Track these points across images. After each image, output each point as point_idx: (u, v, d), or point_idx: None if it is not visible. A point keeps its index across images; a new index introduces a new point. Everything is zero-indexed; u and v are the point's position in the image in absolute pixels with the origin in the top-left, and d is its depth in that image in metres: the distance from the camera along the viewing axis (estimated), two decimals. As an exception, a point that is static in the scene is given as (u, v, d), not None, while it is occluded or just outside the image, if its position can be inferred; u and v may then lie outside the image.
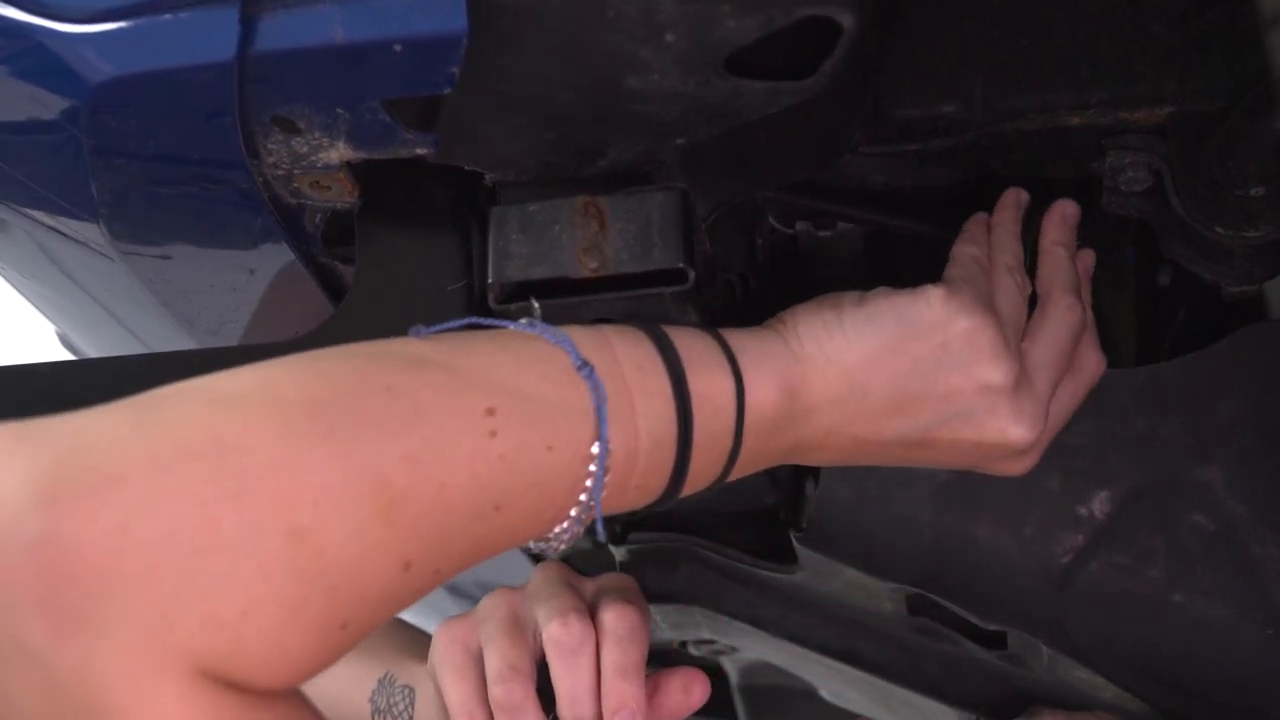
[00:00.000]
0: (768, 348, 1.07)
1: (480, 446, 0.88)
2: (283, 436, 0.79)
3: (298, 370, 0.86)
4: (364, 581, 0.81)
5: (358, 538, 0.80)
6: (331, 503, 0.79)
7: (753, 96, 1.03)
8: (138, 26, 1.01)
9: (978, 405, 1.10)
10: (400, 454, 0.83)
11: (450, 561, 0.88)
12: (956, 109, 1.28)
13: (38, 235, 1.27)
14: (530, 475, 0.91)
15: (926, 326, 1.09)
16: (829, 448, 1.11)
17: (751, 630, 1.63)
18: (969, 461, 1.15)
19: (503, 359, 0.94)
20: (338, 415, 0.82)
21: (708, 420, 1.01)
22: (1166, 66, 1.24)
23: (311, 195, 1.12)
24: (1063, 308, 1.18)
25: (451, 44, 0.96)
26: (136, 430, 0.77)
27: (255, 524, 0.76)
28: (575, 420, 0.94)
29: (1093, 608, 1.34)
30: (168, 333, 1.34)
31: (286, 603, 0.77)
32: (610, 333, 1.01)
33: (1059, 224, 1.25)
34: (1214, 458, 1.32)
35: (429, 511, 0.84)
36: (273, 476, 0.77)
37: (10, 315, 2.02)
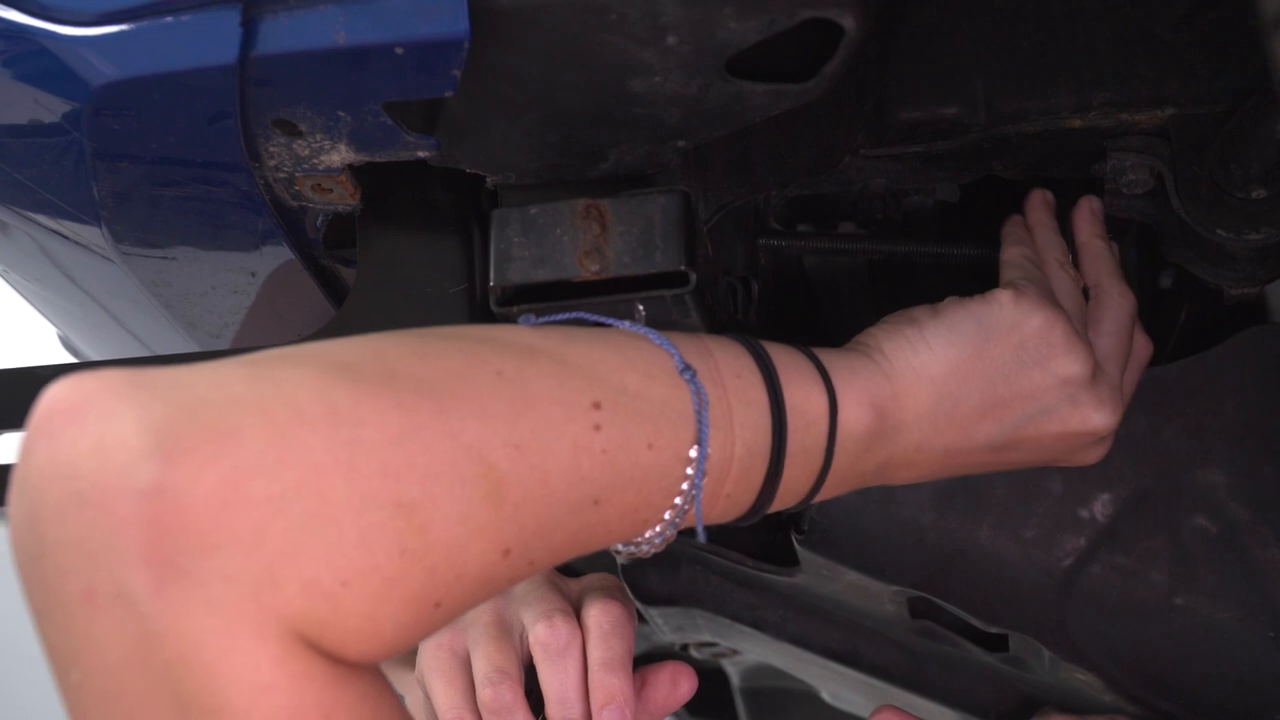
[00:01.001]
0: (858, 366, 1.07)
1: (584, 439, 0.88)
2: (395, 410, 0.80)
3: (410, 345, 0.86)
4: (463, 563, 0.81)
5: (462, 519, 0.81)
6: (439, 481, 0.80)
7: (755, 99, 1.03)
8: (139, 29, 1.01)
9: (1061, 399, 1.11)
10: (506, 440, 0.84)
11: (546, 553, 0.89)
12: (958, 111, 1.28)
13: (39, 238, 1.27)
14: (630, 472, 0.91)
15: (1003, 329, 1.10)
16: (918, 464, 1.11)
17: (753, 633, 1.63)
18: (1050, 456, 1.17)
19: (609, 355, 0.95)
20: (448, 395, 0.83)
21: (800, 434, 1.02)
22: (1168, 69, 1.24)
23: (313, 198, 1.12)
24: (1116, 295, 1.22)
25: (453, 47, 0.96)
26: (252, 389, 0.77)
27: (364, 495, 0.76)
28: (676, 422, 0.94)
29: (1094, 610, 1.34)
30: (169, 335, 1.34)
31: (386, 577, 0.77)
32: (710, 341, 1.02)
33: (1090, 218, 1.28)
34: (1216, 460, 1.32)
35: (531, 499, 0.85)
36: (384, 450, 0.78)
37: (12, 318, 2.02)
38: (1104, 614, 1.33)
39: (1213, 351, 1.33)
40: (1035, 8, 1.28)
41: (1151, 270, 1.62)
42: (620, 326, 1.00)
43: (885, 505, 1.37)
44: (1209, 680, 1.33)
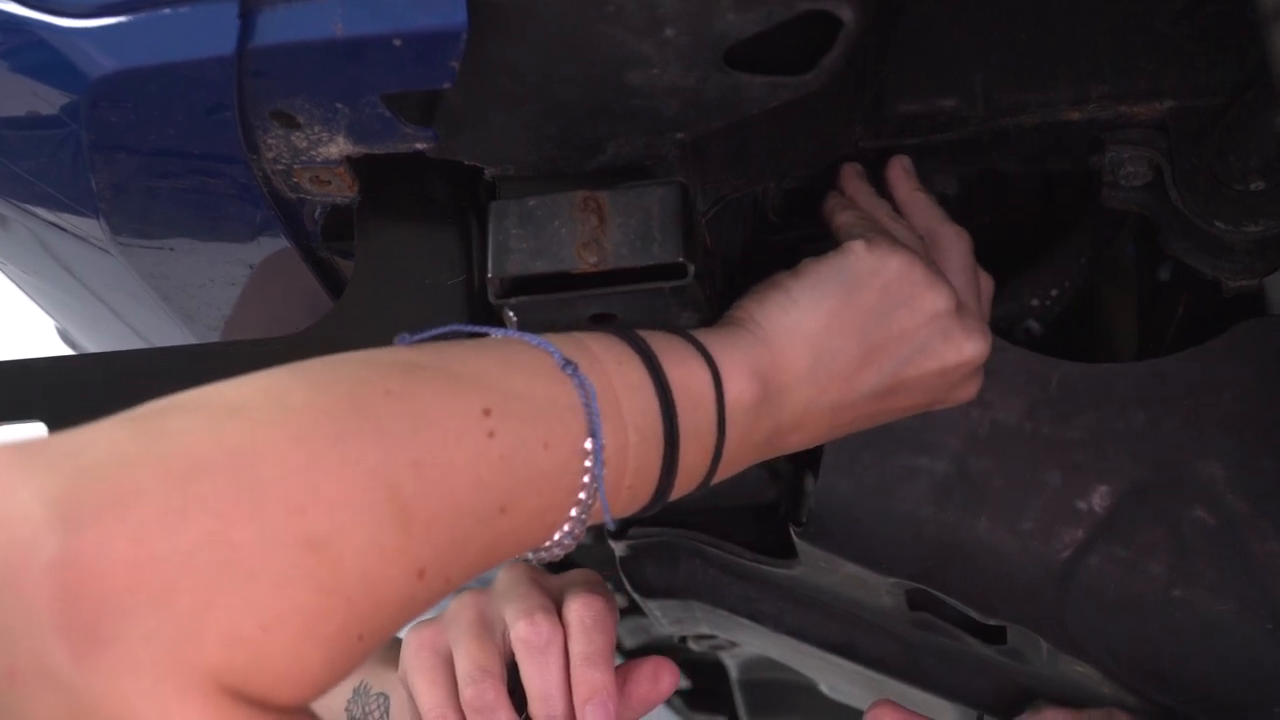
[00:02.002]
0: (735, 337, 1.08)
1: (481, 447, 0.88)
2: (294, 444, 0.79)
3: (299, 378, 0.85)
4: (381, 590, 0.81)
5: (374, 546, 0.80)
6: (347, 510, 0.79)
7: (753, 91, 1.03)
8: (137, 21, 1.01)
9: (933, 334, 1.13)
10: (407, 459, 0.83)
11: (461, 568, 0.88)
12: (956, 104, 1.28)
13: (37, 230, 1.27)
14: (530, 474, 0.91)
15: (864, 276, 1.12)
16: (807, 425, 1.12)
17: (751, 625, 1.63)
18: (932, 396, 1.18)
19: (491, 361, 0.94)
20: (344, 421, 0.82)
21: (690, 413, 1.02)
22: (1167, 61, 1.24)
23: (311, 190, 1.12)
24: (952, 235, 1.25)
25: (451, 38, 0.95)
26: (144, 445, 0.76)
27: (272, 536, 0.75)
28: (567, 417, 0.94)
29: (1093, 603, 1.34)
30: (168, 328, 1.34)
31: (306, 616, 0.76)
32: (585, 336, 1.02)
33: (905, 176, 1.31)
34: (1214, 452, 1.32)
35: (439, 516, 0.84)
36: (287, 485, 0.77)
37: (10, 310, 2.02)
38: (1102, 606, 1.34)
39: (1211, 344, 1.33)
40: (1034, 1, 1.28)
41: (1150, 263, 1.62)
42: (494, 334, 1.00)
43: (883, 497, 1.37)
44: (1207, 673, 1.33)
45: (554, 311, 1.08)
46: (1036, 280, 1.49)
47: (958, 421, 1.35)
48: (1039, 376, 1.36)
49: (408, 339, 0.97)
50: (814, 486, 1.40)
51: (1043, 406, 1.35)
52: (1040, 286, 1.48)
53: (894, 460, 1.36)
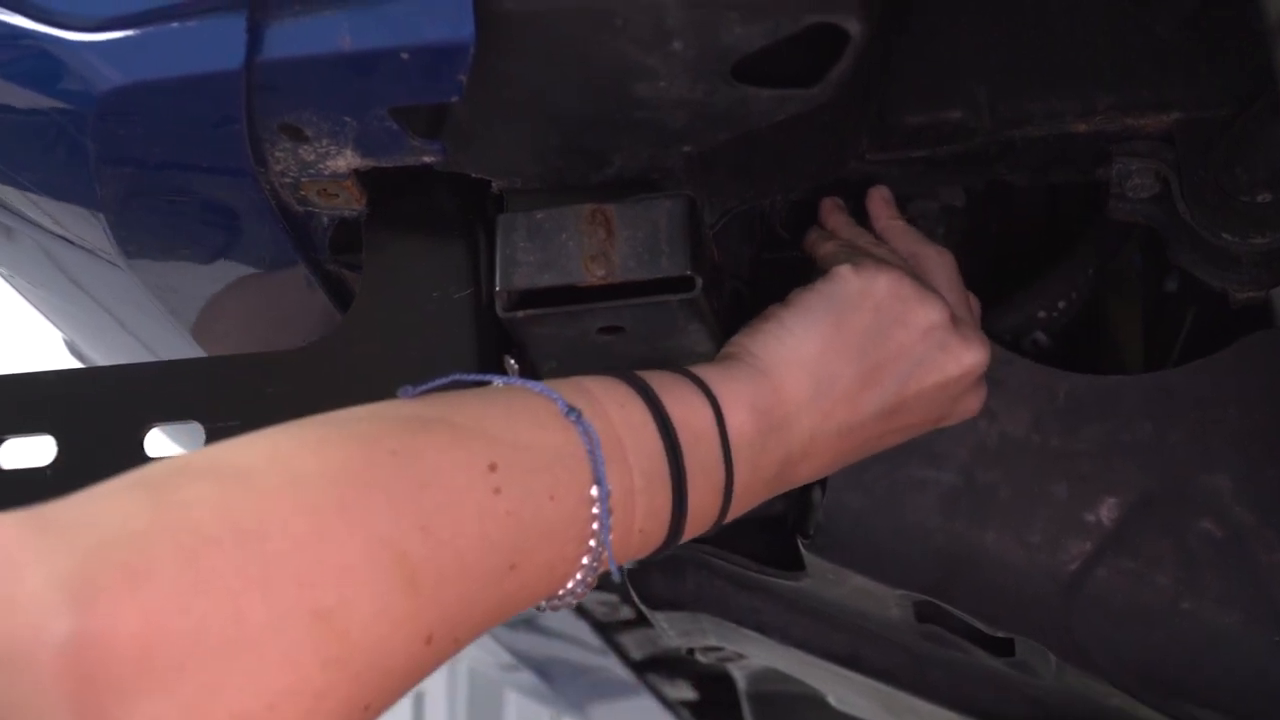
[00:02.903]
0: (731, 370, 1.08)
1: (487, 505, 0.88)
2: (300, 514, 0.79)
3: (305, 439, 0.85)
4: (389, 660, 0.81)
5: (383, 615, 0.80)
6: (354, 581, 0.79)
7: (760, 104, 1.03)
8: (145, 35, 1.01)
9: (930, 347, 1.14)
10: (415, 523, 0.83)
11: (469, 629, 0.88)
12: (963, 115, 1.28)
13: (45, 243, 1.27)
14: (539, 528, 0.90)
15: (854, 298, 1.12)
16: (817, 453, 1.11)
17: (758, 637, 1.63)
18: (938, 411, 1.19)
19: (495, 411, 0.94)
20: (350, 486, 0.82)
21: (694, 450, 1.02)
22: (1173, 73, 1.24)
23: (319, 203, 1.12)
24: (935, 255, 1.25)
25: (459, 52, 0.96)
26: (156, 518, 0.75)
27: (282, 611, 0.75)
28: (572, 466, 0.94)
29: (1100, 614, 1.33)
30: (174, 340, 1.34)
31: (313, 692, 0.76)
32: (585, 380, 1.02)
33: (883, 205, 1.31)
34: (1222, 464, 1.32)
35: (448, 580, 0.84)
36: (294, 559, 0.77)
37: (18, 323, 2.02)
38: (1110, 618, 1.33)
39: (1218, 356, 1.33)
40: (1039, 11, 1.28)
41: (1156, 274, 1.62)
42: (497, 381, 1.00)
43: (891, 510, 1.37)
44: (1215, 684, 1.33)
45: (562, 324, 1.08)
46: (1043, 292, 1.49)
47: (965, 433, 1.35)
48: (1046, 389, 1.36)
49: (410, 391, 0.97)
50: (822, 499, 1.39)
51: (1050, 418, 1.35)
52: (1047, 298, 1.48)
53: (902, 472, 1.36)
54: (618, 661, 2.73)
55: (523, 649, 2.95)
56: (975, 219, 1.46)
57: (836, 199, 1.31)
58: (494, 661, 3.27)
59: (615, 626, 2.57)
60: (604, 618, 2.51)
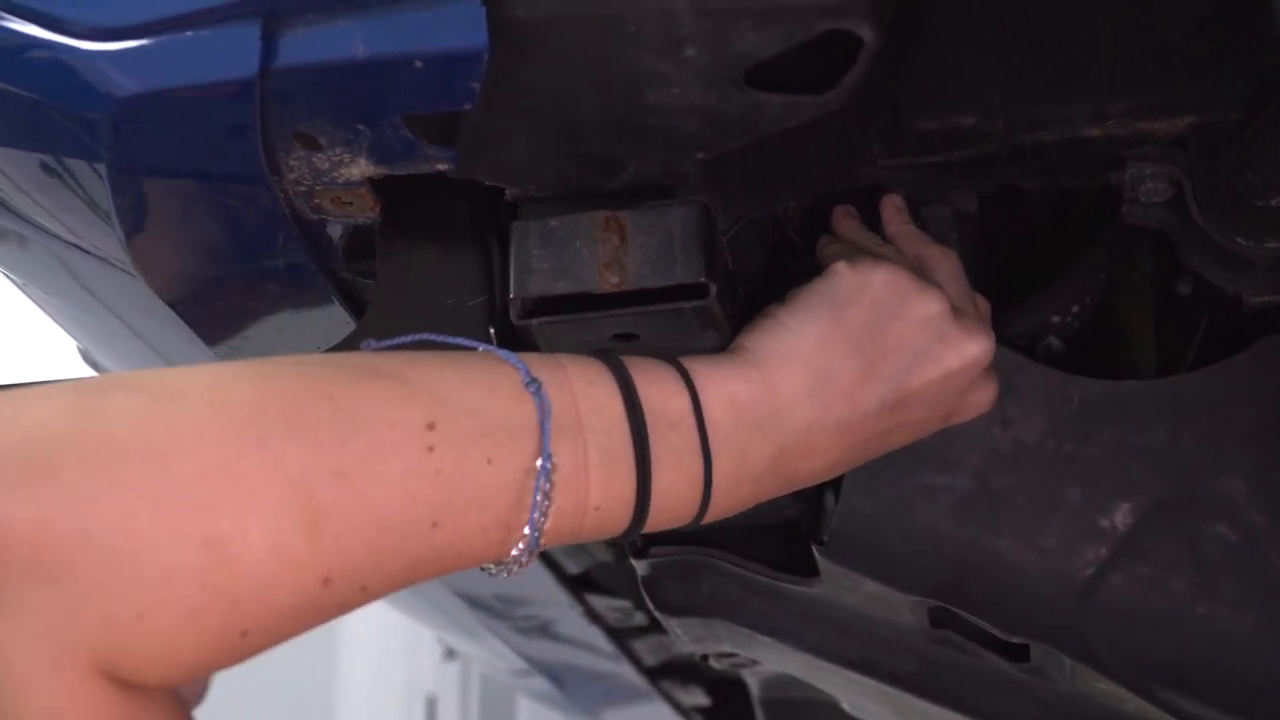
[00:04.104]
0: (719, 361, 1.08)
1: (415, 461, 0.89)
2: (216, 441, 0.82)
3: (245, 373, 0.88)
4: (274, 594, 0.83)
5: (275, 552, 0.82)
6: (253, 514, 0.82)
7: (772, 110, 1.03)
8: (159, 44, 1.01)
9: (930, 338, 1.13)
10: (331, 468, 0.85)
11: (382, 579, 0.90)
12: (975, 120, 1.28)
13: (59, 252, 1.27)
14: (469, 490, 0.91)
15: (851, 293, 1.11)
16: (817, 447, 1.10)
17: (772, 643, 1.63)
18: (946, 406, 1.17)
19: (452, 374, 0.95)
20: (274, 423, 0.85)
21: (665, 434, 1.02)
22: (1185, 76, 1.24)
23: (333, 211, 1.12)
24: (939, 255, 1.24)
25: (472, 60, 0.96)
26: (74, 423, 0.80)
27: (170, 529, 0.79)
28: (518, 435, 0.95)
29: (1115, 619, 1.33)
30: (188, 348, 1.34)
31: (185, 608, 0.80)
32: (565, 357, 1.03)
33: (896, 213, 1.31)
34: (1236, 468, 1.32)
35: (356, 528, 0.86)
36: (197, 484, 0.81)
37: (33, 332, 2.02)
38: (1124, 623, 1.33)
39: (1232, 360, 1.33)
40: (1051, 16, 1.28)
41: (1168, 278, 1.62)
42: (469, 346, 1.01)
43: (905, 515, 1.37)
44: (1230, 688, 1.33)
45: (576, 332, 1.08)
46: (1056, 297, 1.49)
47: (979, 439, 1.35)
48: (1060, 394, 1.36)
49: (374, 345, 1.00)
50: (835, 504, 1.39)
51: (1064, 423, 1.35)
52: (1060, 303, 1.48)
53: (915, 478, 1.36)
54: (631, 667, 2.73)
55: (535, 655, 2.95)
56: (987, 224, 1.46)
57: (848, 206, 1.31)
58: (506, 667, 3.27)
59: (628, 632, 2.57)
60: (617, 624, 2.51)
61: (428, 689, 6.13)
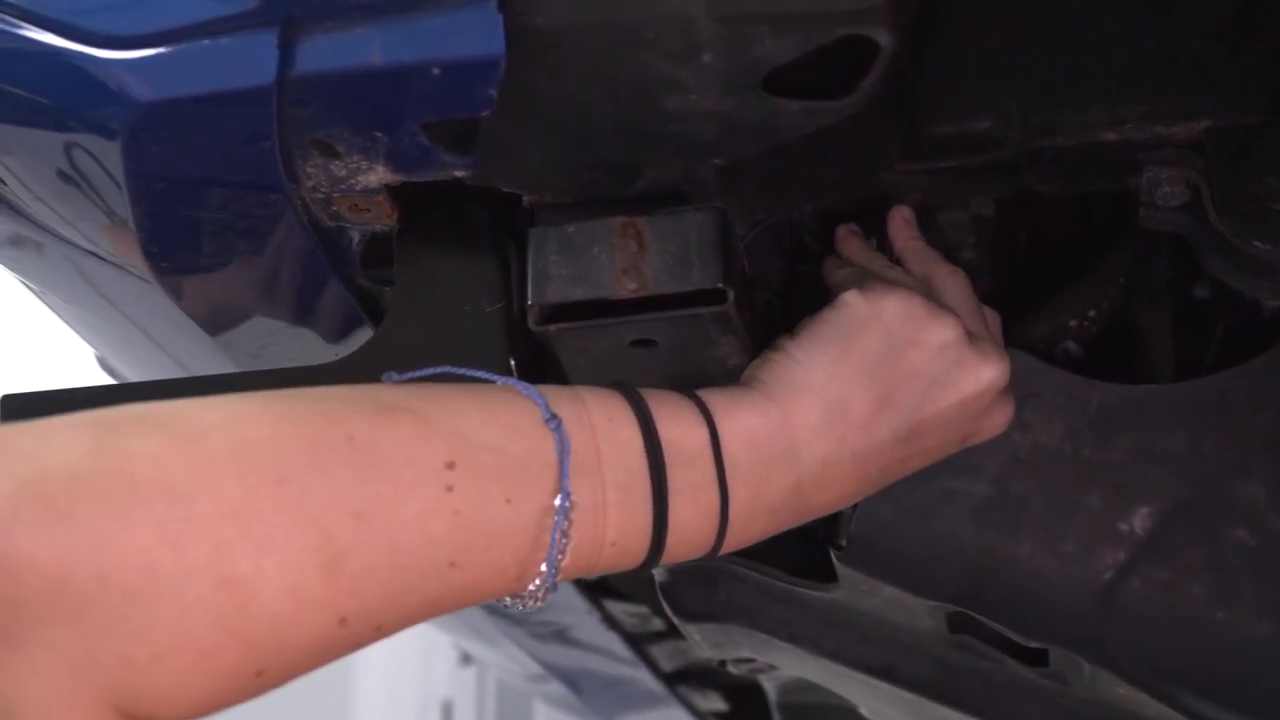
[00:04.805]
0: (736, 394, 1.07)
1: (434, 501, 0.89)
2: (235, 481, 0.82)
3: (264, 412, 0.88)
4: (290, 634, 0.84)
5: (291, 592, 0.83)
6: (271, 555, 0.82)
7: (790, 116, 1.03)
8: (177, 52, 1.01)
9: (945, 365, 1.12)
10: (350, 509, 0.85)
11: (398, 618, 0.90)
12: (992, 125, 1.28)
13: (76, 259, 1.27)
14: (488, 530, 0.91)
15: (862, 322, 1.10)
16: (833, 480, 1.10)
17: (790, 648, 1.63)
18: (962, 431, 1.17)
19: (472, 410, 0.95)
20: (293, 463, 0.85)
21: (683, 469, 1.01)
22: (1202, 81, 1.24)
23: (350, 218, 1.12)
24: (947, 273, 1.23)
25: (489, 67, 0.96)
26: (96, 463, 0.80)
27: (188, 571, 0.79)
28: (538, 473, 0.94)
29: (1135, 624, 1.33)
30: (206, 356, 1.34)
31: (201, 649, 0.80)
32: (584, 390, 1.02)
33: (904, 227, 1.30)
34: (1255, 472, 1.31)
35: (373, 568, 0.86)
36: (216, 525, 0.81)
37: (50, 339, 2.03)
38: (1144, 628, 1.33)
39: (1251, 364, 1.33)
40: (1068, 21, 1.28)
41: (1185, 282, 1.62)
42: (489, 379, 1.00)
43: (923, 520, 1.37)
44: (1251, 693, 1.32)
45: (594, 338, 1.08)
46: (1074, 301, 1.48)
47: (998, 444, 1.35)
48: (1079, 398, 1.35)
49: (394, 377, 1.00)
50: (853, 510, 1.39)
51: (1083, 428, 1.34)
52: (1078, 307, 1.48)
53: (934, 483, 1.36)
54: (648, 673, 2.73)
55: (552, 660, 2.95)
56: (1005, 228, 1.46)
57: (852, 225, 1.31)
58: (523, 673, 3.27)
59: (646, 638, 2.57)
60: (634, 629, 2.51)
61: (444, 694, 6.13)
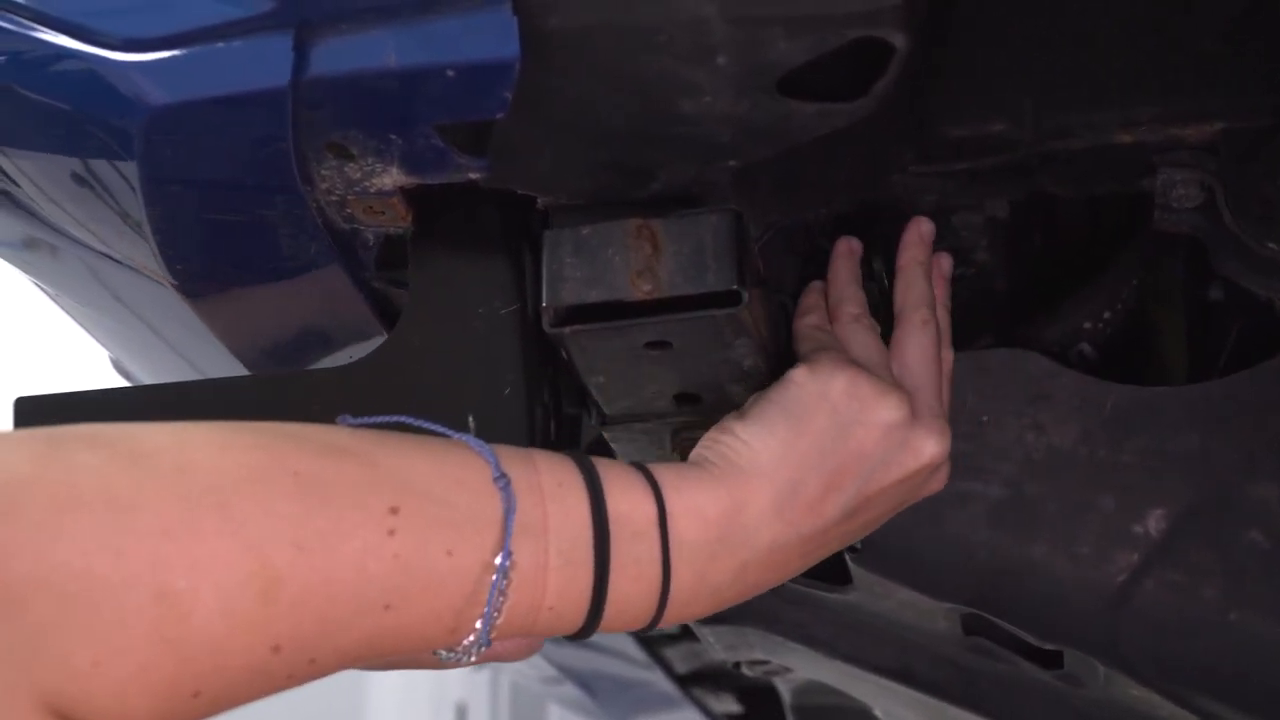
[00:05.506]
0: (688, 474, 1.06)
1: (375, 543, 0.89)
2: (176, 501, 0.83)
3: (213, 438, 0.88)
4: (226, 656, 0.83)
5: (226, 614, 0.82)
6: (208, 574, 0.82)
7: (804, 118, 1.03)
8: (191, 54, 1.01)
9: (891, 446, 1.12)
10: (290, 539, 0.85)
11: (332, 654, 0.90)
12: (1006, 127, 1.28)
13: (91, 262, 1.28)
14: (425, 578, 0.91)
15: (811, 402, 1.10)
16: (778, 562, 1.09)
17: (805, 650, 1.63)
18: (900, 499, 1.17)
19: (422, 461, 0.95)
20: (236, 490, 0.85)
21: (628, 544, 1.01)
22: (1215, 83, 1.24)
23: (365, 220, 1.12)
24: (918, 324, 1.22)
25: (504, 69, 0.96)
26: (40, 469, 0.80)
27: (126, 580, 0.79)
28: (482, 529, 0.94)
29: (1148, 626, 1.33)
30: (220, 358, 1.34)
31: (137, 661, 0.80)
32: (537, 453, 1.02)
33: (916, 242, 1.28)
34: (1269, 474, 1.31)
35: (309, 599, 0.86)
36: (156, 539, 0.81)
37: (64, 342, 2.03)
38: (1158, 629, 1.33)
39: (1265, 365, 1.33)
40: (1082, 23, 1.28)
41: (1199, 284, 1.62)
42: (444, 433, 1.00)
43: (938, 523, 1.37)
44: (1264, 694, 1.32)
45: (608, 340, 1.08)
46: (1089, 302, 1.48)
47: (1013, 447, 1.35)
48: (1093, 400, 1.35)
49: (350, 421, 0.99)
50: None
51: (1097, 430, 1.35)
52: (1092, 309, 1.48)
53: (949, 485, 1.36)
54: (662, 675, 2.73)
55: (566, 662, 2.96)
56: (1019, 230, 1.46)
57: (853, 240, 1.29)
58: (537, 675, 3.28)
59: (660, 640, 2.57)
60: (648, 631, 2.51)
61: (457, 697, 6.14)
